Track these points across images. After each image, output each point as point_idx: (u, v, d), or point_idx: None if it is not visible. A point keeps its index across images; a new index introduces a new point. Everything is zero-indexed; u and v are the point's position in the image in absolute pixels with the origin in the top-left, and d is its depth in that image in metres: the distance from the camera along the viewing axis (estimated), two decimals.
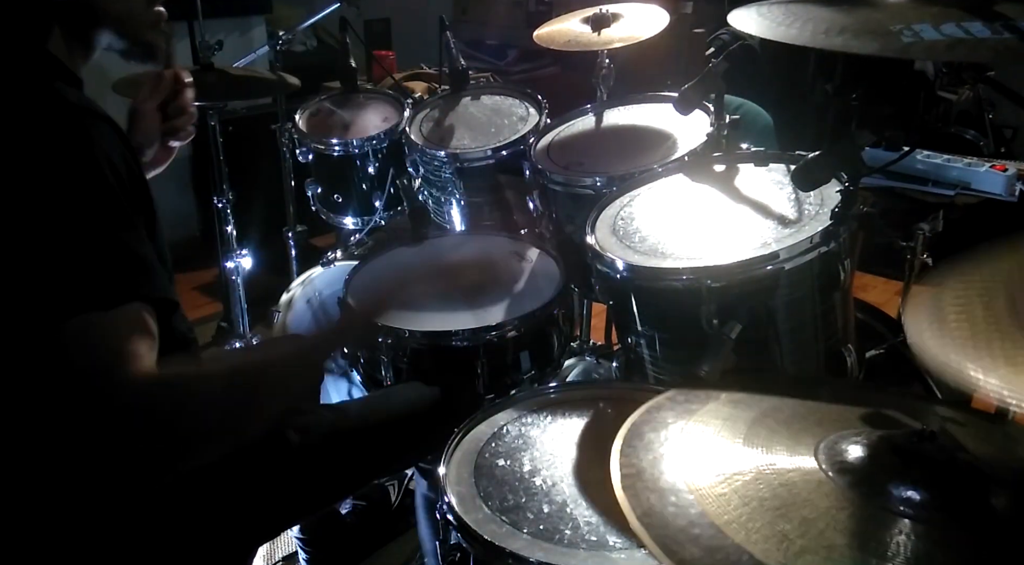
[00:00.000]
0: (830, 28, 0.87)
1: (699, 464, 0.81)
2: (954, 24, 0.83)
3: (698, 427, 0.88)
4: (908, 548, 0.68)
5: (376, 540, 2.02)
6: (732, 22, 0.99)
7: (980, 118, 3.58)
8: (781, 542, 0.69)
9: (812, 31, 0.88)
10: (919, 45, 0.81)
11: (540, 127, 1.85)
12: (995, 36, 0.80)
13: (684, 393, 0.97)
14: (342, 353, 1.66)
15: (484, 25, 4.76)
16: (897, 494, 0.72)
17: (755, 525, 0.71)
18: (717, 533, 0.70)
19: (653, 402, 0.95)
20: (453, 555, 1.03)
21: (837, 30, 0.86)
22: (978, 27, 0.82)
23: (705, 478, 0.78)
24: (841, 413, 0.90)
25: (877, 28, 0.85)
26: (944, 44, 0.81)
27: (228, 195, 2.47)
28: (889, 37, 0.83)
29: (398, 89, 2.40)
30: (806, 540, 0.69)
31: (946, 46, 0.81)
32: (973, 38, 0.81)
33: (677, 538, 0.70)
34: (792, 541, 0.69)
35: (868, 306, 2.03)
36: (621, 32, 1.84)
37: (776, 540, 0.69)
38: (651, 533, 0.71)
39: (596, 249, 1.30)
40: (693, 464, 0.81)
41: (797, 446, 0.82)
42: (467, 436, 1.21)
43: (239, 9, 3.68)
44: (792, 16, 0.93)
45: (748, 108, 2.28)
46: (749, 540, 0.69)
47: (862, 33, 0.85)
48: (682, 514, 0.73)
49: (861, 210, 1.15)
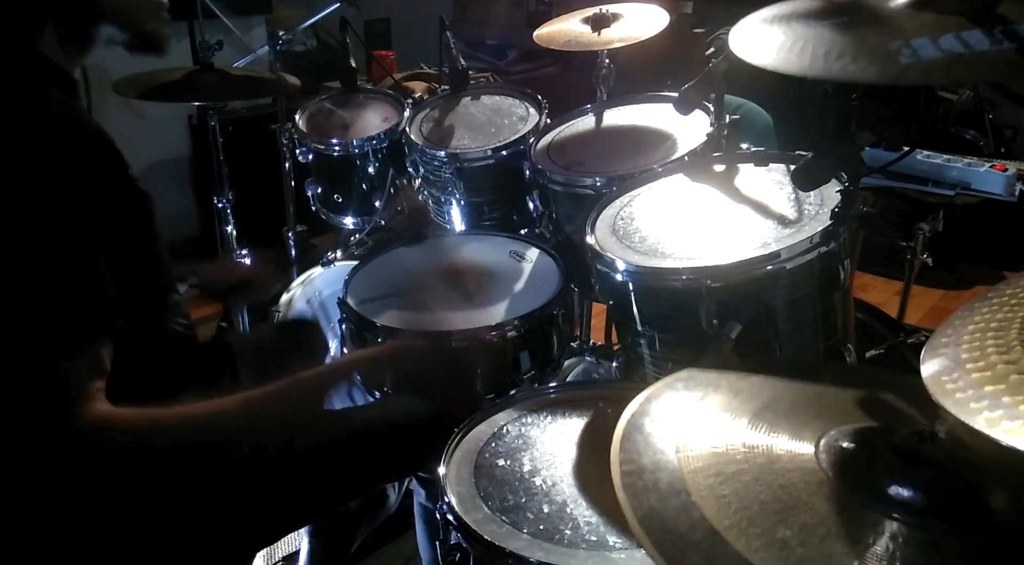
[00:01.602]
0: (829, 51, 0.88)
1: (700, 461, 0.81)
2: (953, 37, 0.83)
3: (699, 420, 0.88)
4: (918, 554, 0.67)
5: (376, 540, 2.02)
6: (734, 48, 0.99)
7: (980, 118, 3.58)
8: (781, 550, 0.68)
9: (812, 56, 0.89)
10: (917, 66, 0.82)
11: (540, 127, 1.85)
12: (994, 47, 0.81)
13: (684, 381, 0.96)
14: (342, 353, 1.66)
15: (484, 25, 4.76)
16: (897, 496, 0.72)
17: (755, 531, 0.70)
18: (718, 539, 0.70)
19: (652, 389, 0.94)
20: (453, 555, 1.03)
21: (836, 54, 0.87)
22: (978, 37, 0.82)
23: (706, 477, 0.78)
24: (842, 403, 0.89)
25: (876, 49, 0.86)
26: (942, 62, 0.82)
27: (228, 195, 2.47)
28: (887, 61, 0.84)
29: (398, 89, 2.40)
30: (806, 548, 0.68)
31: (944, 64, 0.81)
32: (972, 52, 0.81)
33: (677, 544, 0.70)
34: (792, 549, 0.68)
35: (868, 306, 2.03)
36: (621, 32, 1.84)
37: (776, 548, 0.68)
38: (652, 538, 0.70)
39: (596, 249, 1.30)
40: (694, 461, 0.81)
41: (799, 441, 0.81)
42: (467, 436, 1.21)
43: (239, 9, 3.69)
44: (793, 36, 0.94)
45: (748, 108, 2.28)
46: (749, 547, 0.69)
47: (860, 55, 0.86)
48: (683, 517, 0.73)
49: (861, 210, 1.15)
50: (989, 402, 0.60)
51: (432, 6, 4.00)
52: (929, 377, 0.66)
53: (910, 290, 2.10)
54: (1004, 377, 0.62)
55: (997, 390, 0.61)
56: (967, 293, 3.25)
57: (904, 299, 2.13)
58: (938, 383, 0.64)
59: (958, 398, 0.62)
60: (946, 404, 0.62)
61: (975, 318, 0.70)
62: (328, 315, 2.13)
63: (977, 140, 3.50)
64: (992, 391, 0.61)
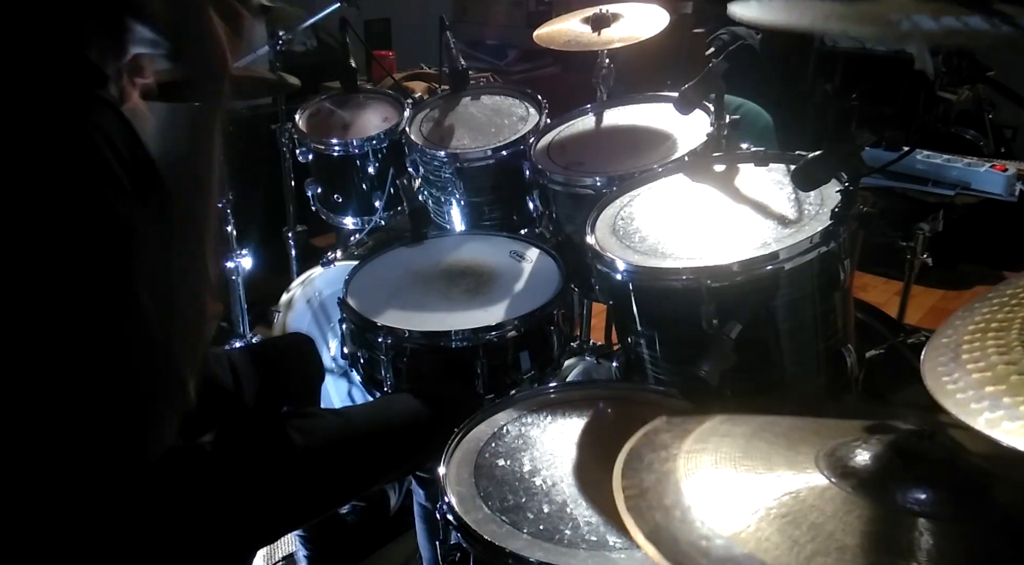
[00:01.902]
0: (830, 15, 0.88)
1: (703, 484, 0.80)
2: (953, 18, 0.84)
3: (697, 447, 0.87)
4: (928, 544, 0.67)
5: (376, 540, 2.02)
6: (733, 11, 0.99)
7: (980, 118, 3.59)
8: (792, 547, 0.68)
9: (812, 17, 0.89)
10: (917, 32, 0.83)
11: (540, 127, 1.85)
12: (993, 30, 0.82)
13: (678, 416, 0.96)
14: (342, 353, 1.66)
15: (484, 25, 4.76)
16: (903, 494, 0.72)
17: (764, 533, 0.70)
18: (727, 543, 0.69)
19: (650, 427, 0.94)
20: (453, 555, 1.03)
21: (837, 17, 0.88)
22: (977, 21, 0.83)
23: (710, 497, 0.77)
24: (837, 424, 0.89)
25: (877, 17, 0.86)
26: (942, 32, 0.83)
27: (228, 195, 2.46)
28: (886, 25, 0.84)
29: (398, 89, 2.40)
30: (816, 544, 0.68)
31: (944, 34, 0.83)
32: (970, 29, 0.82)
33: (687, 552, 0.69)
34: (803, 546, 0.68)
35: (868, 306, 2.03)
36: (621, 32, 1.84)
37: (787, 545, 0.68)
38: (660, 549, 0.70)
39: (596, 249, 1.30)
40: (697, 485, 0.80)
41: (797, 457, 0.81)
42: (467, 436, 1.20)
43: None
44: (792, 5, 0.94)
45: (748, 108, 2.28)
46: (760, 548, 0.68)
47: (861, 21, 0.86)
48: (690, 528, 0.72)
49: (861, 210, 1.15)
50: (990, 403, 0.60)
51: (432, 6, 4.00)
52: (929, 377, 0.66)
53: (910, 290, 2.10)
54: (1005, 377, 0.62)
55: (998, 391, 0.61)
56: (967, 293, 3.25)
57: (904, 299, 2.13)
58: (938, 383, 0.64)
59: (958, 398, 0.62)
60: (946, 404, 0.62)
61: (975, 318, 0.70)
62: (328, 315, 2.14)
63: (977, 140, 3.50)
64: (993, 391, 0.61)
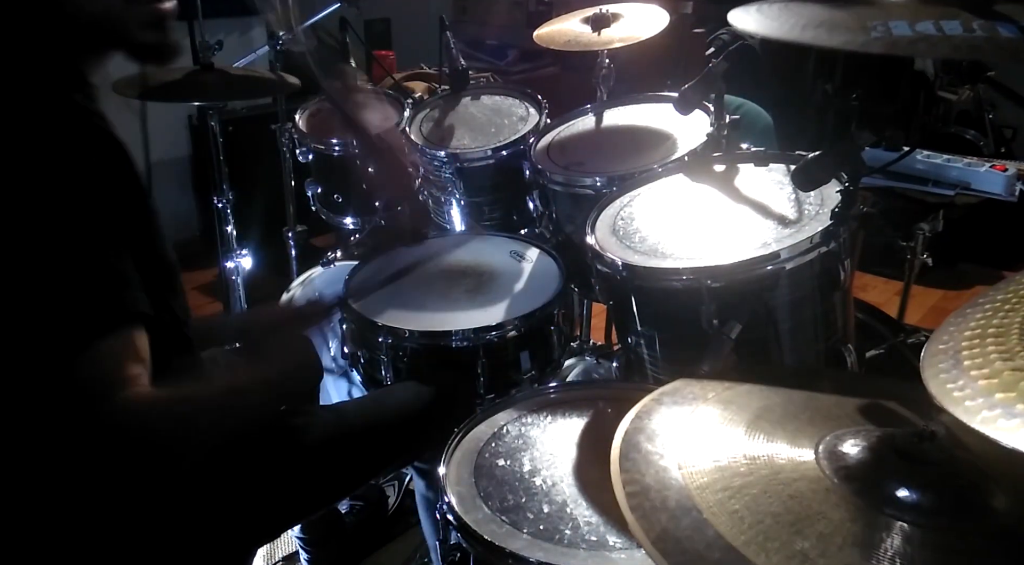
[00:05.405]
0: (809, 22, 0.89)
1: (704, 477, 0.79)
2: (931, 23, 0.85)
3: (695, 433, 0.87)
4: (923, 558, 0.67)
5: (376, 540, 2.02)
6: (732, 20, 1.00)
7: (980, 118, 3.58)
8: (803, 563, 0.67)
9: (791, 25, 0.90)
10: (883, 40, 0.83)
11: (540, 127, 1.85)
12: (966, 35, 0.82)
13: (672, 395, 0.95)
14: (342, 353, 1.66)
15: (484, 25, 4.75)
16: (903, 498, 0.72)
17: (774, 545, 0.69)
18: (738, 557, 0.68)
19: (641, 405, 0.93)
20: (453, 555, 1.03)
21: (816, 24, 0.89)
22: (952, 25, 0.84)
23: (713, 493, 0.77)
24: (832, 407, 0.89)
25: (852, 23, 0.87)
26: (907, 40, 0.84)
27: (228, 195, 2.46)
28: (857, 32, 0.85)
29: (398, 89, 2.40)
30: (827, 559, 0.67)
31: (908, 42, 0.83)
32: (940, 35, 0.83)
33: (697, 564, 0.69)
34: (813, 561, 0.67)
35: (868, 306, 2.03)
36: (621, 32, 1.84)
37: (797, 561, 0.67)
38: (670, 560, 0.69)
39: (596, 249, 1.30)
40: (699, 477, 0.79)
41: (798, 448, 0.81)
42: (467, 436, 1.21)
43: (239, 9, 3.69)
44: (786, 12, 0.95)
45: (748, 108, 2.28)
46: (771, 563, 0.68)
47: (837, 27, 0.87)
48: (698, 536, 0.71)
49: (861, 210, 1.15)
50: (989, 402, 0.60)
51: (432, 6, 4.00)
52: (929, 377, 0.66)
53: (910, 290, 2.11)
54: (1004, 377, 0.62)
55: (998, 391, 0.61)
56: (967, 293, 3.25)
57: (904, 299, 2.13)
58: (938, 383, 0.64)
59: (958, 398, 0.62)
60: (946, 404, 0.62)
61: (976, 318, 0.70)
62: None
63: (977, 140, 3.50)
64: (993, 391, 0.61)
